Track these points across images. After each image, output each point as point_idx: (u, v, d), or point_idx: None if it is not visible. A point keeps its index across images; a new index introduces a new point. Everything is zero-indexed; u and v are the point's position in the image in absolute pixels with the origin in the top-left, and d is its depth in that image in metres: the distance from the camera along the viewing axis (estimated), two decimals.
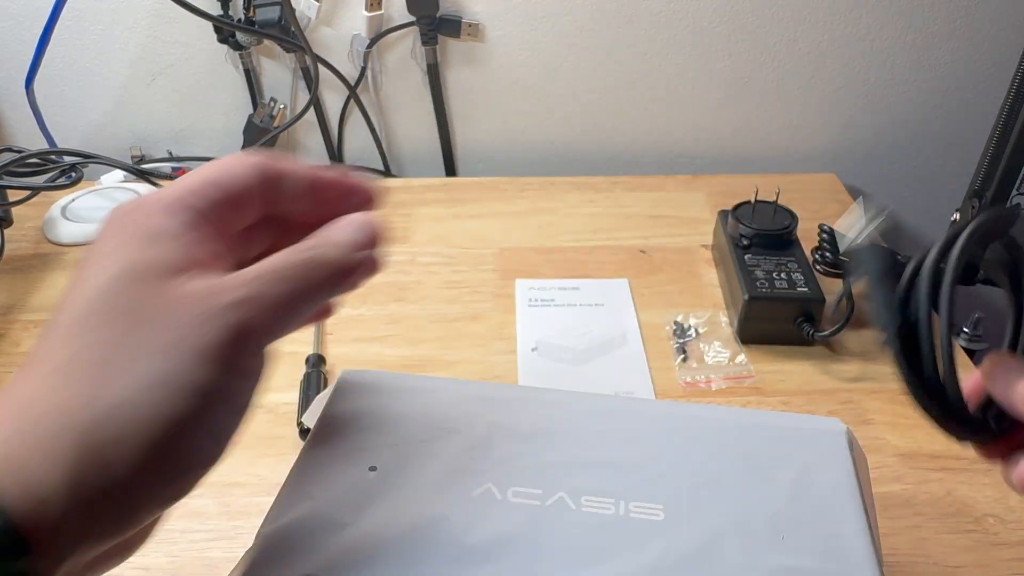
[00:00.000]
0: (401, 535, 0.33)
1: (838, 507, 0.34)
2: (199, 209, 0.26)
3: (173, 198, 0.26)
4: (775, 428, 0.38)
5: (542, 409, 0.39)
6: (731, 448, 0.37)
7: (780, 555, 0.32)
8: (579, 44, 0.82)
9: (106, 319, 0.24)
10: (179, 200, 0.26)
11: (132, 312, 0.24)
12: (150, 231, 0.25)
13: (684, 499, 0.34)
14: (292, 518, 0.33)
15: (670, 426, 0.38)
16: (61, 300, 0.25)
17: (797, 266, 0.60)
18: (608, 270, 0.69)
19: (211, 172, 0.27)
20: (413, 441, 0.37)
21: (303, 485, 0.35)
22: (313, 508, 0.33)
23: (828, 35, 0.81)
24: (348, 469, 0.35)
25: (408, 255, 0.72)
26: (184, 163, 0.89)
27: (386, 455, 0.36)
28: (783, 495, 0.35)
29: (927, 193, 0.92)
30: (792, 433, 0.38)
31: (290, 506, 0.33)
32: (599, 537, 0.33)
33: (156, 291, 0.24)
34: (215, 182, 0.27)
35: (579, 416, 0.39)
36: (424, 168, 0.91)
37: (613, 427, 0.38)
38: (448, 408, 0.39)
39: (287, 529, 0.32)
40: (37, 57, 0.74)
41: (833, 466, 0.36)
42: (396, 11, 0.81)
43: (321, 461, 0.36)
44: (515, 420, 0.38)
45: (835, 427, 0.38)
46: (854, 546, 0.33)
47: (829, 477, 0.36)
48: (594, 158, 0.91)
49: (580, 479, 0.35)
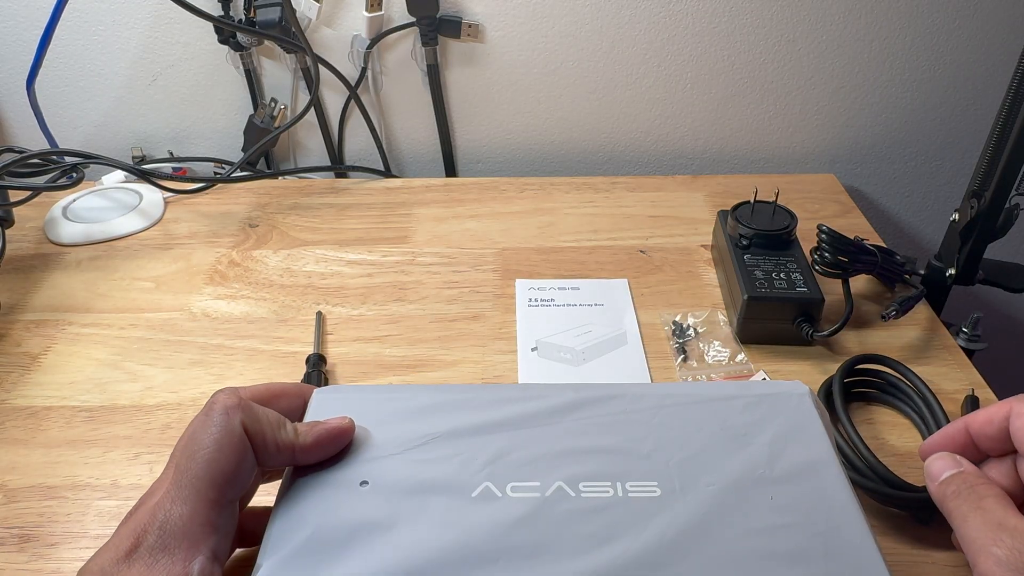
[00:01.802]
0: (406, 547, 0.33)
1: (815, 461, 0.36)
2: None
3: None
4: (745, 396, 0.40)
5: (521, 405, 0.39)
6: (708, 420, 0.38)
7: (772, 514, 0.34)
8: (579, 44, 0.83)
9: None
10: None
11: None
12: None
13: (675, 474, 0.36)
14: (294, 547, 0.33)
15: (647, 406, 0.39)
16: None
17: (796, 266, 0.61)
18: (608, 270, 0.69)
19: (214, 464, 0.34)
20: (400, 451, 0.37)
21: (297, 511, 0.34)
22: (313, 534, 0.33)
23: (828, 35, 0.82)
24: (339, 488, 0.35)
25: (408, 255, 0.72)
26: (185, 163, 0.89)
27: (375, 468, 0.36)
28: (764, 457, 0.37)
29: (926, 193, 0.92)
30: (761, 399, 0.40)
31: (289, 536, 0.33)
32: (603, 519, 0.34)
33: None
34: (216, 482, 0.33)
35: (557, 407, 0.39)
36: (424, 168, 0.92)
37: (593, 414, 0.39)
38: (429, 415, 0.39)
39: (290, 559, 0.32)
40: (38, 57, 0.74)
41: (804, 424, 0.38)
42: (396, 12, 0.81)
43: (310, 484, 0.36)
44: (496, 418, 0.38)
45: (798, 388, 0.40)
46: (837, 494, 0.35)
47: (802, 435, 0.38)
48: (594, 158, 0.91)
49: (574, 467, 0.36)
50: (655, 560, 0.32)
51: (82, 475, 0.50)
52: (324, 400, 0.40)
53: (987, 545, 0.32)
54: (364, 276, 0.69)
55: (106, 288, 0.68)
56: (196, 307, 0.66)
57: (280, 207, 0.80)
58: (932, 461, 0.38)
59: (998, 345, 0.73)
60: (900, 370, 0.54)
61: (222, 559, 0.32)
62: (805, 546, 0.33)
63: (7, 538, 0.46)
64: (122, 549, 0.31)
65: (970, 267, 0.66)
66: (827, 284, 0.61)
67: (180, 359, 0.60)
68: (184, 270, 0.70)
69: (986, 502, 0.34)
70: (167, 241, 0.75)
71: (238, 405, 0.34)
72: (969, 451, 0.39)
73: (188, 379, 0.58)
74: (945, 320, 0.63)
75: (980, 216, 0.63)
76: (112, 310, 0.65)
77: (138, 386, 0.57)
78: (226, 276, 0.69)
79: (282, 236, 0.75)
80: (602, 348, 0.60)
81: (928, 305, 0.65)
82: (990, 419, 0.38)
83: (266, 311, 0.65)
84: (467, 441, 0.37)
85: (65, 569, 0.44)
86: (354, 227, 0.77)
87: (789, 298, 0.58)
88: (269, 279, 0.69)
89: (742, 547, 0.32)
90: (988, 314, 0.66)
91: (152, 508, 0.32)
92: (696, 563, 0.32)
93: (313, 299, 0.66)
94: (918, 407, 0.52)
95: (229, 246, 0.74)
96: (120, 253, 0.73)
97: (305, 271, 0.70)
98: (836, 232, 0.60)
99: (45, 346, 0.61)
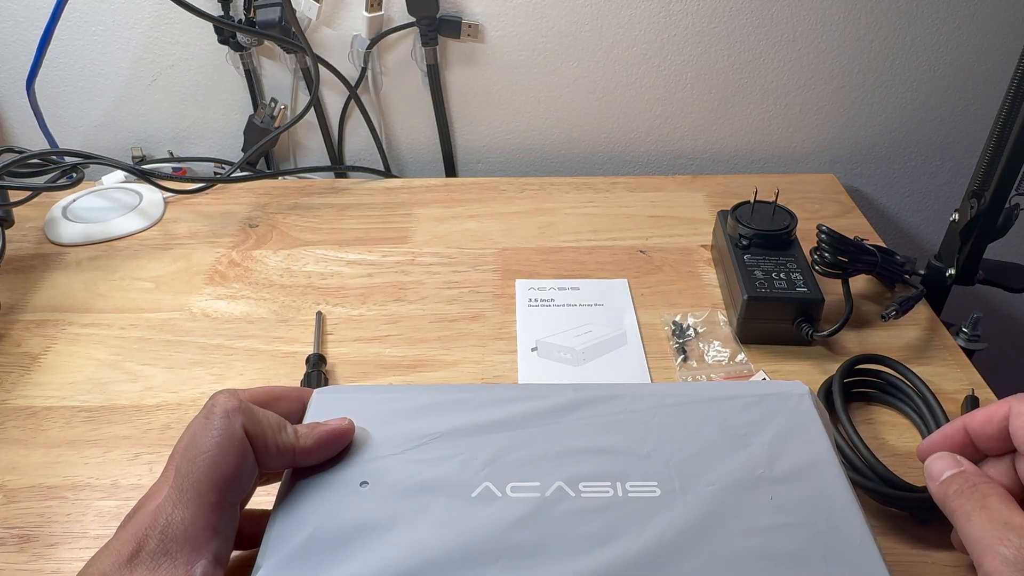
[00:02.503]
0: (406, 547, 0.33)
1: (815, 461, 0.36)
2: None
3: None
4: (745, 396, 0.40)
5: (520, 405, 0.39)
6: (708, 420, 0.38)
7: (772, 514, 0.34)
8: (579, 44, 0.83)
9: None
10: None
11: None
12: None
13: (675, 474, 0.36)
14: (294, 548, 0.33)
15: (647, 406, 0.39)
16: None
17: (796, 266, 0.61)
18: (608, 270, 0.69)
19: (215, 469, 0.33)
20: (400, 451, 0.37)
21: (297, 512, 0.34)
22: (313, 534, 0.33)
23: (828, 35, 0.82)
24: (340, 489, 0.35)
25: (408, 255, 0.72)
26: (185, 163, 0.89)
27: (375, 469, 0.36)
28: (764, 457, 0.37)
29: (926, 193, 0.92)
30: (761, 399, 0.40)
31: (289, 537, 0.33)
32: (603, 519, 0.34)
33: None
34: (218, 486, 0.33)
35: (557, 407, 0.39)
36: (424, 168, 0.92)
37: (593, 414, 0.39)
38: (428, 414, 0.39)
39: (289, 560, 0.32)
40: (38, 57, 0.74)
41: (803, 424, 0.38)
42: (396, 12, 0.81)
43: (310, 484, 0.36)
44: (496, 419, 0.38)
45: (798, 389, 0.40)
46: (837, 494, 0.35)
47: (802, 435, 0.38)
48: (594, 158, 0.91)
49: (574, 467, 0.36)
50: (655, 560, 0.32)
51: (82, 475, 0.50)
52: (324, 400, 0.40)
53: (993, 544, 0.32)
54: (364, 276, 0.69)
55: (106, 288, 0.68)
56: (196, 307, 0.66)
57: (280, 207, 0.80)
58: (932, 461, 0.38)
59: (998, 345, 0.73)
60: (900, 370, 0.54)
61: (224, 562, 0.32)
62: (805, 546, 0.33)
63: (7, 538, 0.46)
64: (124, 554, 0.31)
65: (970, 267, 0.66)
66: (827, 284, 0.61)
67: (180, 359, 0.60)
68: (184, 270, 0.70)
69: (990, 500, 0.34)
70: (167, 241, 0.75)
71: (239, 408, 0.34)
72: (968, 451, 0.39)
73: (188, 379, 0.58)
74: (945, 320, 0.63)
75: (980, 216, 0.63)
76: (112, 310, 0.65)
77: (138, 386, 0.57)
78: (226, 276, 0.69)
79: (282, 236, 0.75)
80: (602, 348, 0.60)
81: (928, 305, 0.65)
82: (989, 418, 0.38)
83: (266, 311, 0.65)
84: (467, 441, 0.37)
85: (65, 569, 0.44)
86: (354, 227, 0.77)
87: (789, 298, 0.58)
88: (269, 279, 0.69)
89: (742, 547, 0.33)
90: (988, 314, 0.66)
91: (153, 512, 0.32)
92: (696, 563, 0.32)
93: (313, 299, 0.66)
94: (918, 407, 0.52)
95: (229, 246, 0.74)
96: (120, 253, 0.73)
97: (305, 271, 0.70)
98: (836, 232, 0.60)
99: (45, 346, 0.61)
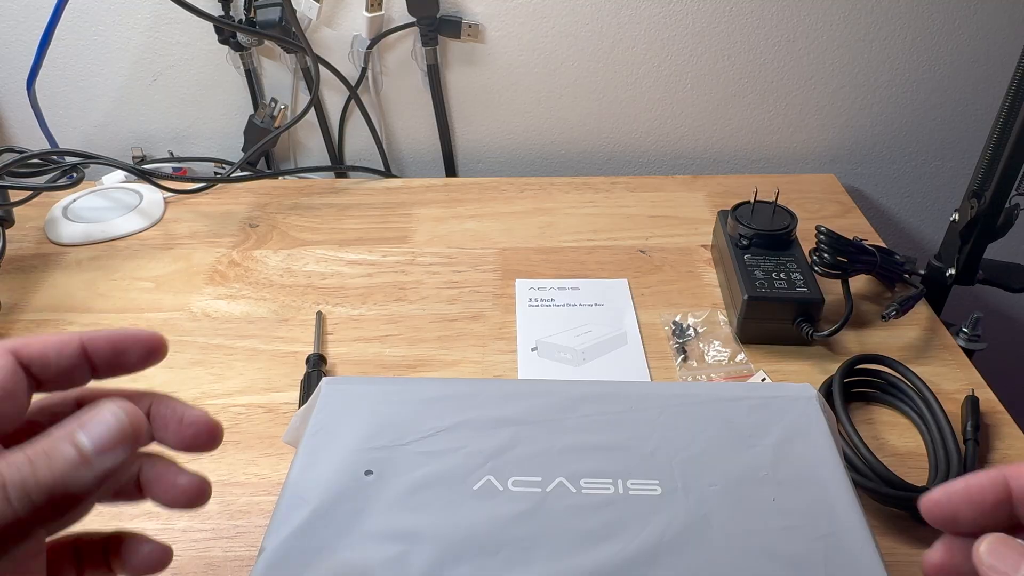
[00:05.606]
0: (407, 536, 0.33)
1: (820, 465, 0.36)
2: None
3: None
4: (752, 398, 0.40)
5: (526, 400, 0.39)
6: (713, 421, 0.38)
7: (773, 517, 0.34)
8: (579, 44, 0.83)
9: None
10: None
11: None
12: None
13: (677, 473, 0.36)
14: (294, 529, 0.33)
15: (653, 405, 0.39)
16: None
17: (796, 266, 0.61)
18: (608, 270, 0.69)
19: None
20: (404, 443, 0.37)
21: (301, 496, 0.35)
22: (314, 517, 0.34)
23: (828, 35, 0.82)
24: (344, 476, 0.36)
25: (408, 255, 0.72)
26: (185, 163, 0.89)
27: (380, 459, 0.36)
28: (768, 460, 0.36)
29: (926, 193, 0.92)
30: (768, 401, 0.40)
31: (291, 518, 0.34)
32: (603, 516, 0.34)
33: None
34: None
35: (563, 404, 0.39)
36: (424, 168, 0.92)
37: (598, 411, 0.39)
38: (434, 407, 0.39)
39: (291, 540, 0.33)
40: (38, 58, 0.74)
41: (809, 428, 0.38)
42: (396, 12, 0.81)
43: (316, 471, 0.36)
44: (502, 413, 0.39)
45: (806, 392, 0.40)
46: (839, 500, 0.35)
47: (807, 438, 0.38)
48: (594, 158, 0.91)
49: (576, 463, 0.36)
50: (653, 558, 0.32)
51: None
52: (332, 391, 0.40)
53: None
54: (364, 276, 0.69)
55: (106, 288, 0.68)
56: (196, 307, 0.66)
57: (280, 207, 0.80)
58: (991, 552, 0.26)
59: (998, 345, 0.73)
60: (900, 370, 0.54)
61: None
62: (805, 550, 0.32)
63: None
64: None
65: (970, 267, 0.66)
66: (827, 284, 0.61)
67: (180, 359, 0.60)
68: (184, 270, 0.70)
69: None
70: (167, 241, 0.75)
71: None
72: (1000, 511, 0.28)
73: (188, 379, 0.58)
74: (945, 320, 0.63)
75: (980, 216, 0.64)
76: (112, 310, 0.65)
77: (138, 386, 0.57)
78: (226, 276, 0.69)
79: (282, 236, 0.75)
80: (602, 348, 0.60)
81: (928, 305, 0.65)
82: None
83: (266, 311, 0.65)
84: (471, 435, 0.37)
85: None
86: (354, 227, 0.77)
87: (789, 298, 0.58)
88: (269, 279, 0.69)
89: (741, 547, 0.33)
90: (988, 314, 0.66)
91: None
92: (694, 562, 0.32)
93: (313, 299, 0.66)
94: (918, 407, 0.52)
95: (229, 246, 0.74)
96: (120, 253, 0.73)
97: (305, 271, 0.70)
98: (835, 233, 0.60)
99: None
